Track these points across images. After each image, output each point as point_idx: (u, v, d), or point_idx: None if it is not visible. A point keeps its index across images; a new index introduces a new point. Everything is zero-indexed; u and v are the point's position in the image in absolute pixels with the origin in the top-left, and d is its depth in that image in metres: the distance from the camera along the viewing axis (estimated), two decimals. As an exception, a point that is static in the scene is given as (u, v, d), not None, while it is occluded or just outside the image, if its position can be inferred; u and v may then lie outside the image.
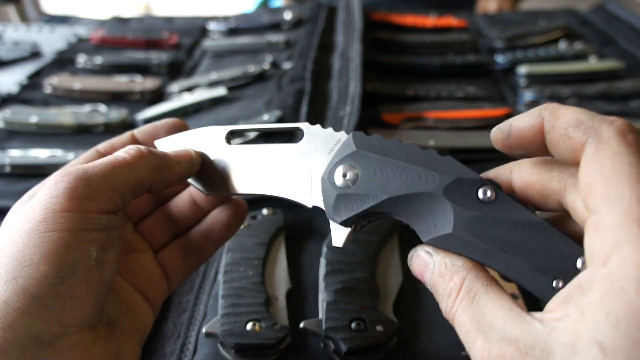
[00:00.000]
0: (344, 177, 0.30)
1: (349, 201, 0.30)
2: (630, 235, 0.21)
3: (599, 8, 1.09)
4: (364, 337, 0.39)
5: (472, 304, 0.26)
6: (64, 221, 0.28)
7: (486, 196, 0.27)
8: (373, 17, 1.02)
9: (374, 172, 0.29)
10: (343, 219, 0.30)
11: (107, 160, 0.31)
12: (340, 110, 0.67)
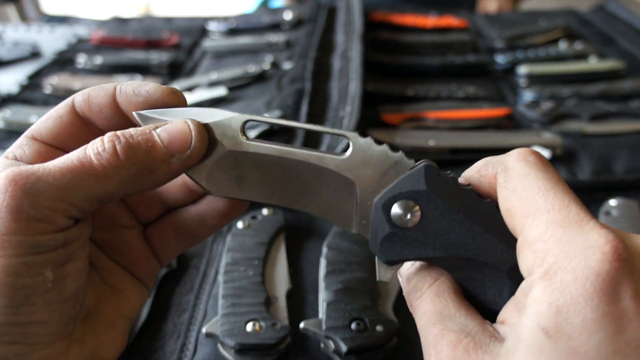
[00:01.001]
0: (403, 215, 0.26)
1: (401, 243, 0.27)
2: (557, 237, 0.23)
3: (599, 8, 1.09)
4: (364, 337, 0.39)
5: (438, 297, 0.27)
6: (10, 247, 0.24)
7: None
8: (373, 17, 1.02)
9: (439, 222, 0.26)
10: (389, 259, 0.27)
11: (67, 165, 0.25)
12: (340, 110, 0.67)
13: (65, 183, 0.25)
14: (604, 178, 0.58)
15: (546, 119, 0.69)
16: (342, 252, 0.46)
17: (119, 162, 0.26)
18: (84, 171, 0.25)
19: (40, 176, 0.25)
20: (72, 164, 0.25)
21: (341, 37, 0.91)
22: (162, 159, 0.27)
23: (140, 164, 0.26)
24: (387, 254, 0.27)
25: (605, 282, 0.21)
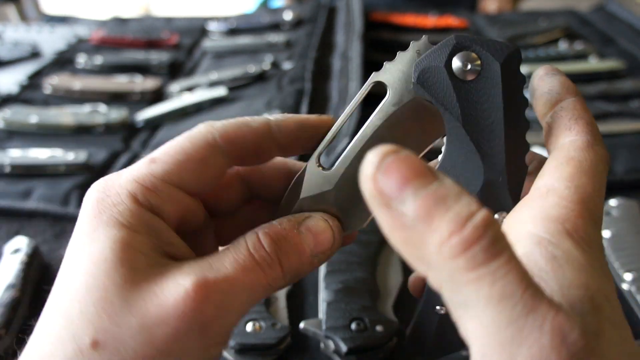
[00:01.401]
0: (464, 63, 0.24)
1: (442, 84, 0.24)
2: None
3: (599, 8, 1.09)
4: (364, 337, 0.39)
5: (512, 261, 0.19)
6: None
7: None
8: (373, 17, 1.02)
9: (481, 95, 0.24)
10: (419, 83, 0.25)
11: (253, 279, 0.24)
12: (340, 110, 0.67)
13: (247, 298, 0.24)
14: (604, 178, 0.58)
15: (546, 119, 0.69)
16: (342, 252, 0.46)
17: (281, 274, 0.25)
18: (260, 285, 0.25)
19: (229, 292, 0.24)
20: (250, 277, 0.24)
21: (341, 37, 0.91)
22: (308, 262, 0.26)
23: (293, 272, 0.26)
24: (423, 82, 0.25)
25: None
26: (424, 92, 0.25)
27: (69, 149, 0.64)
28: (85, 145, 0.66)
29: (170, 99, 0.79)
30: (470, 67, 0.24)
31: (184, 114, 0.73)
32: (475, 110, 0.24)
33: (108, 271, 0.23)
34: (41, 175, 0.60)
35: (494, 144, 0.24)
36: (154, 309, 0.22)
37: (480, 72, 0.24)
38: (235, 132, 0.27)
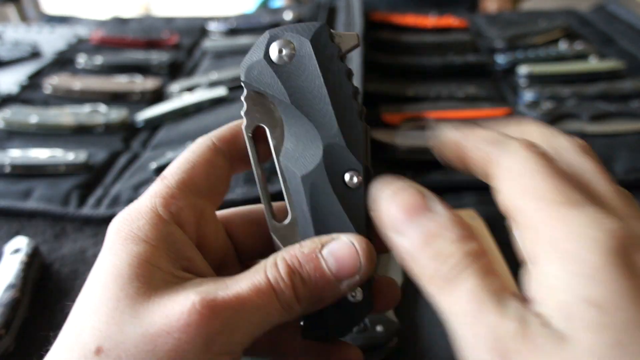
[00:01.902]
0: (279, 50, 0.27)
1: (265, 73, 0.27)
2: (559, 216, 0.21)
3: (599, 8, 1.09)
4: (364, 337, 0.39)
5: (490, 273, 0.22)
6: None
7: (352, 181, 0.27)
8: (373, 17, 1.02)
9: (302, 72, 0.26)
10: (247, 80, 0.27)
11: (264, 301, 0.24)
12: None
13: (258, 319, 0.24)
14: (604, 178, 0.58)
15: (546, 119, 0.69)
16: (342, 252, 0.46)
17: (294, 299, 0.25)
18: (272, 307, 0.24)
19: (238, 310, 0.23)
20: (262, 299, 0.24)
21: (341, 37, 0.91)
22: (331, 287, 0.25)
23: (312, 296, 0.25)
24: (250, 78, 0.27)
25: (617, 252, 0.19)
26: (254, 87, 0.27)
27: (69, 149, 0.64)
28: (85, 145, 0.66)
29: (170, 99, 0.79)
30: (285, 52, 0.26)
31: (184, 114, 0.73)
32: (300, 87, 0.26)
33: (123, 285, 0.24)
34: (41, 175, 0.60)
35: (323, 112, 0.26)
36: (160, 320, 0.23)
37: (295, 53, 0.26)
38: (230, 134, 0.29)
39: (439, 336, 0.42)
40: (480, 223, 0.50)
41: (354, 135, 0.26)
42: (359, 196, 0.27)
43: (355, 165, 0.26)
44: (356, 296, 0.27)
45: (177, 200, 0.27)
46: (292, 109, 0.27)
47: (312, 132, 0.26)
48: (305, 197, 0.27)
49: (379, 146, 0.62)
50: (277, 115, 0.27)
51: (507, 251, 0.47)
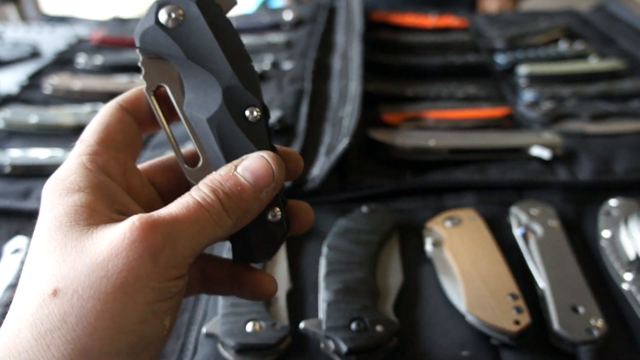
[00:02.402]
0: (169, 15, 0.29)
1: (159, 38, 0.30)
2: None
3: (599, 8, 1.09)
4: (364, 337, 0.39)
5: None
6: (144, 292, 0.25)
7: (252, 115, 0.30)
8: (373, 17, 1.02)
9: (195, 32, 0.29)
10: (142, 46, 0.30)
11: (197, 216, 0.27)
12: (340, 110, 0.67)
13: (194, 232, 0.26)
14: (604, 178, 0.58)
15: (546, 119, 0.69)
16: (342, 252, 0.46)
17: (224, 211, 0.27)
18: (205, 221, 0.27)
19: (175, 225, 0.26)
20: (194, 214, 0.27)
21: (341, 37, 0.91)
22: (253, 198, 0.28)
23: (239, 209, 0.28)
24: (144, 43, 0.30)
25: None
26: (149, 51, 0.30)
27: (69, 149, 0.64)
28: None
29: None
30: (174, 15, 0.29)
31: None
32: (193, 44, 0.29)
33: (67, 232, 0.25)
34: (41, 175, 0.60)
35: (217, 61, 0.29)
36: (106, 247, 0.25)
37: (184, 15, 0.29)
38: (134, 97, 0.32)
39: (439, 336, 0.42)
40: (480, 223, 0.50)
41: (247, 76, 0.30)
42: (261, 127, 0.30)
43: (253, 101, 0.30)
44: (276, 216, 0.30)
45: (101, 155, 0.29)
46: (188, 63, 0.30)
47: (210, 80, 0.29)
48: (214, 137, 0.30)
49: (379, 146, 0.63)
50: (175, 74, 0.30)
51: (507, 251, 0.47)
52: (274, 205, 0.30)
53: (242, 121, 0.30)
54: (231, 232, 0.29)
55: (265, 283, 0.33)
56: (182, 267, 0.26)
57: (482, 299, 0.42)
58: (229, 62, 0.29)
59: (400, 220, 0.53)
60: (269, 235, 0.31)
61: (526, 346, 0.41)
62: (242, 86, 0.30)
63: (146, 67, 0.31)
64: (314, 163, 0.59)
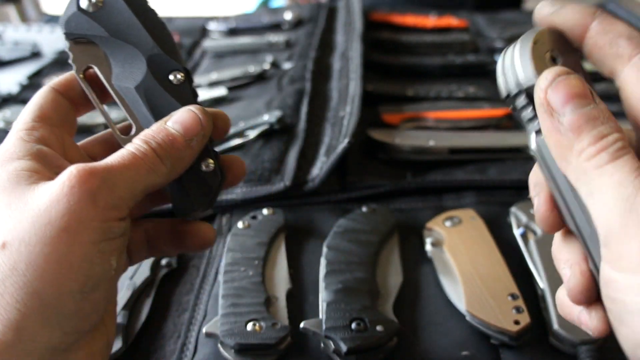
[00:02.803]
0: (89, 1, 0.32)
1: (84, 22, 0.32)
2: None
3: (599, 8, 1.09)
4: (364, 337, 0.39)
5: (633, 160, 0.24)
6: (88, 233, 0.26)
7: (176, 78, 0.33)
8: (373, 17, 1.02)
9: (115, 13, 0.32)
10: (71, 31, 0.33)
11: (125, 162, 0.29)
12: (340, 110, 0.67)
13: (129, 177, 0.28)
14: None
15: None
16: (342, 252, 0.46)
17: (157, 159, 0.30)
18: (139, 167, 0.29)
19: (111, 170, 0.28)
20: (129, 162, 0.29)
21: (341, 37, 0.91)
22: (185, 146, 0.31)
23: (172, 156, 0.30)
24: (69, 28, 0.33)
25: None
26: (75, 35, 0.33)
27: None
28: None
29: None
30: (94, 0, 0.32)
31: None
32: (115, 22, 0.32)
33: (9, 192, 0.27)
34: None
35: (139, 35, 0.32)
36: (47, 196, 0.26)
37: (104, 1, 0.32)
38: (65, 80, 0.34)
39: (439, 336, 0.42)
40: (480, 223, 0.50)
41: (167, 44, 0.33)
42: (185, 89, 0.33)
43: (176, 66, 0.33)
44: (209, 166, 0.33)
45: (37, 129, 0.31)
46: (113, 41, 0.32)
47: (134, 52, 0.32)
48: (143, 103, 0.32)
49: (379, 146, 0.63)
50: (101, 54, 0.33)
51: (507, 251, 0.47)
52: (207, 157, 0.33)
53: (167, 85, 0.32)
54: (167, 179, 0.31)
55: (204, 231, 0.35)
56: (122, 208, 0.28)
57: (482, 299, 0.42)
58: (149, 34, 0.32)
59: (400, 220, 0.53)
60: (204, 185, 0.33)
61: (526, 346, 0.41)
62: (164, 53, 0.32)
63: (73, 52, 0.33)
64: (313, 163, 0.59)
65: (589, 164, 0.24)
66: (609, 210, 0.23)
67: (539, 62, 0.27)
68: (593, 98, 0.25)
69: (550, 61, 0.28)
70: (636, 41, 0.26)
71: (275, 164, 0.58)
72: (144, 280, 0.47)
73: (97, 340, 0.29)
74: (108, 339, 0.31)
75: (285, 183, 0.56)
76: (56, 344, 0.26)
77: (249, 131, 0.63)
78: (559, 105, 0.25)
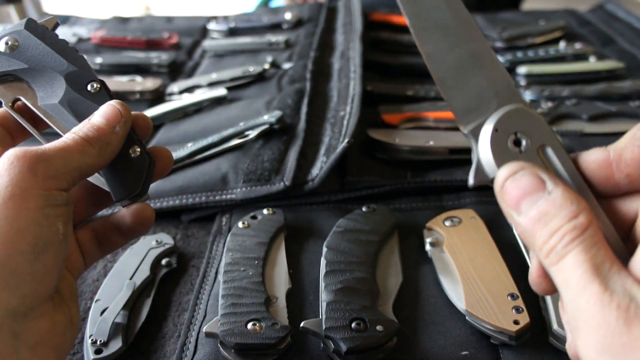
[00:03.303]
0: (5, 44, 0.37)
1: (2, 61, 0.37)
2: None
3: (599, 8, 1.09)
4: (364, 337, 0.39)
5: (596, 245, 0.25)
6: (32, 199, 0.29)
7: (93, 87, 0.37)
8: (373, 17, 1.02)
9: (30, 48, 0.37)
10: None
11: (58, 145, 0.32)
12: (340, 110, 0.67)
13: (62, 155, 0.32)
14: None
15: (546, 119, 0.69)
16: (342, 252, 0.46)
17: (86, 142, 0.33)
18: (71, 148, 0.32)
19: (45, 151, 0.31)
20: (60, 145, 0.32)
21: (341, 37, 0.91)
22: (109, 132, 0.35)
23: (99, 141, 0.34)
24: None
25: None
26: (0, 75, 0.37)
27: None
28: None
29: (171, 99, 0.79)
30: (10, 43, 0.37)
31: (184, 114, 0.73)
32: (32, 55, 0.37)
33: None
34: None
35: (54, 60, 0.37)
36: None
37: (18, 40, 0.37)
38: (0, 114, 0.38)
39: (439, 336, 0.42)
40: (480, 223, 0.50)
41: (79, 63, 0.37)
42: (103, 95, 0.37)
43: (91, 77, 0.37)
44: (135, 152, 0.36)
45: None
46: (32, 70, 0.37)
47: (53, 74, 0.37)
48: (69, 113, 0.37)
49: (379, 146, 0.63)
50: (24, 85, 0.37)
51: (507, 251, 0.47)
52: (133, 144, 0.36)
53: (86, 94, 0.37)
54: (99, 160, 0.34)
55: (141, 210, 0.37)
56: (60, 179, 0.31)
57: (481, 299, 0.42)
58: (62, 57, 0.37)
59: (400, 220, 0.53)
60: (135, 169, 0.36)
61: (526, 346, 0.41)
62: (78, 69, 0.37)
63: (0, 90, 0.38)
64: (313, 163, 0.59)
65: (546, 261, 0.26)
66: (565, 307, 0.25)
67: (499, 153, 0.28)
68: (545, 185, 0.27)
69: (513, 145, 0.28)
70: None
71: (275, 164, 0.58)
72: (144, 280, 0.47)
73: (58, 314, 0.31)
74: (71, 316, 0.32)
75: (285, 183, 0.56)
76: (15, 307, 0.28)
77: (249, 131, 0.63)
78: (513, 206, 0.27)
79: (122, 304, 0.44)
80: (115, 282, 0.46)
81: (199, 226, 0.56)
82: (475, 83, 0.30)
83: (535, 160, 0.28)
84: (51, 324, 0.30)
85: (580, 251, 0.24)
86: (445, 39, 0.31)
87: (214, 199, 0.56)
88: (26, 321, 0.29)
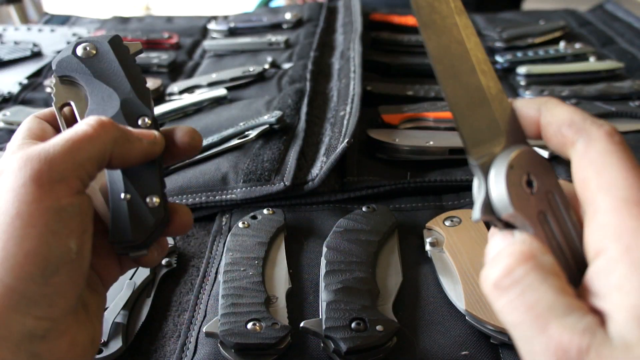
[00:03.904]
0: (84, 49, 0.37)
1: (76, 68, 0.37)
2: (634, 215, 0.22)
3: (599, 8, 1.09)
4: (364, 337, 0.39)
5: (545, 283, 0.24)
6: (39, 216, 0.27)
7: (144, 122, 0.35)
8: (373, 17, 1.02)
9: (104, 61, 0.37)
10: (58, 70, 0.37)
11: (67, 136, 0.29)
12: (340, 110, 0.67)
13: (70, 150, 0.29)
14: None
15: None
16: (342, 252, 0.46)
17: (105, 124, 0.31)
18: (81, 137, 0.29)
19: (49, 149, 0.28)
20: (71, 135, 0.30)
21: (341, 37, 0.91)
22: (136, 136, 0.33)
23: (121, 130, 0.32)
24: (60, 68, 0.37)
25: None
26: (61, 72, 0.37)
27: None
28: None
29: (171, 99, 0.79)
30: (88, 49, 0.37)
31: (184, 114, 0.73)
32: (102, 68, 0.36)
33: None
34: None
35: (120, 80, 0.36)
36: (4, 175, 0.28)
37: (97, 49, 0.37)
38: (49, 112, 0.37)
39: (439, 336, 0.42)
40: (480, 223, 0.50)
41: (142, 92, 0.36)
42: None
43: (145, 111, 0.36)
44: (153, 203, 0.33)
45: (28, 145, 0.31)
46: (94, 81, 0.36)
47: (112, 94, 0.36)
48: None
49: (379, 146, 0.63)
50: (82, 93, 0.37)
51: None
52: (153, 192, 0.34)
53: (133, 124, 0.35)
54: (113, 150, 0.31)
55: (184, 213, 0.36)
56: (69, 180, 0.28)
57: (481, 299, 0.42)
58: (129, 81, 0.36)
59: (400, 220, 0.53)
60: (146, 218, 0.33)
61: (526, 346, 0.41)
62: (137, 98, 0.36)
63: (56, 87, 0.37)
64: (313, 163, 0.59)
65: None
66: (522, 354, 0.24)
67: (513, 191, 0.27)
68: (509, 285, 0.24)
69: (526, 185, 0.27)
70: (575, 127, 0.26)
71: (275, 164, 0.58)
72: (144, 280, 0.47)
73: (80, 333, 0.30)
74: (94, 336, 0.31)
75: (285, 183, 0.56)
76: (31, 330, 0.27)
77: (249, 131, 0.63)
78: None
79: (122, 303, 0.44)
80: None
81: (199, 226, 0.56)
82: (485, 114, 0.29)
83: (544, 203, 0.27)
84: (71, 345, 0.29)
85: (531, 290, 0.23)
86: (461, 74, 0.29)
87: (214, 199, 0.56)
88: (45, 342, 0.28)
